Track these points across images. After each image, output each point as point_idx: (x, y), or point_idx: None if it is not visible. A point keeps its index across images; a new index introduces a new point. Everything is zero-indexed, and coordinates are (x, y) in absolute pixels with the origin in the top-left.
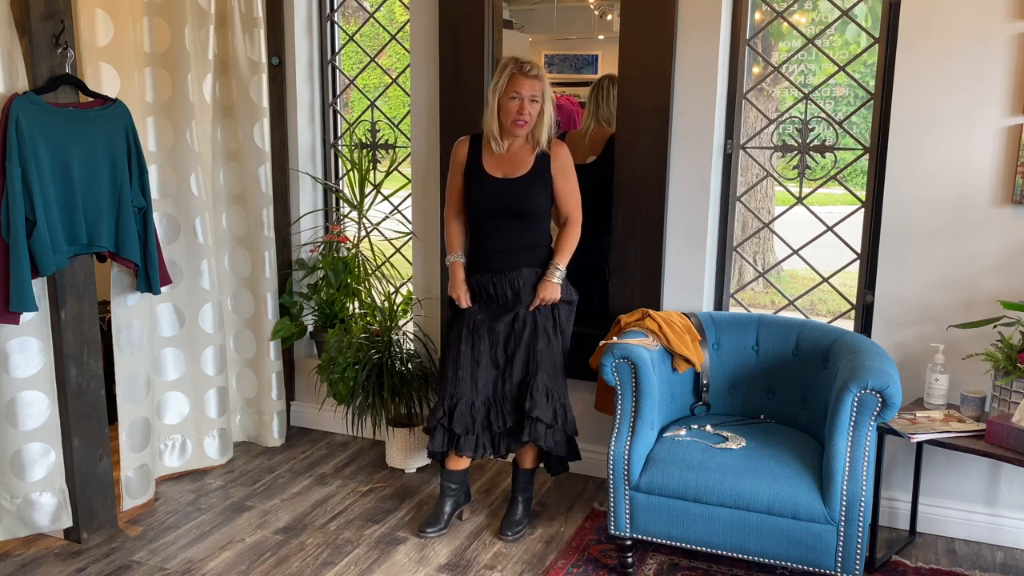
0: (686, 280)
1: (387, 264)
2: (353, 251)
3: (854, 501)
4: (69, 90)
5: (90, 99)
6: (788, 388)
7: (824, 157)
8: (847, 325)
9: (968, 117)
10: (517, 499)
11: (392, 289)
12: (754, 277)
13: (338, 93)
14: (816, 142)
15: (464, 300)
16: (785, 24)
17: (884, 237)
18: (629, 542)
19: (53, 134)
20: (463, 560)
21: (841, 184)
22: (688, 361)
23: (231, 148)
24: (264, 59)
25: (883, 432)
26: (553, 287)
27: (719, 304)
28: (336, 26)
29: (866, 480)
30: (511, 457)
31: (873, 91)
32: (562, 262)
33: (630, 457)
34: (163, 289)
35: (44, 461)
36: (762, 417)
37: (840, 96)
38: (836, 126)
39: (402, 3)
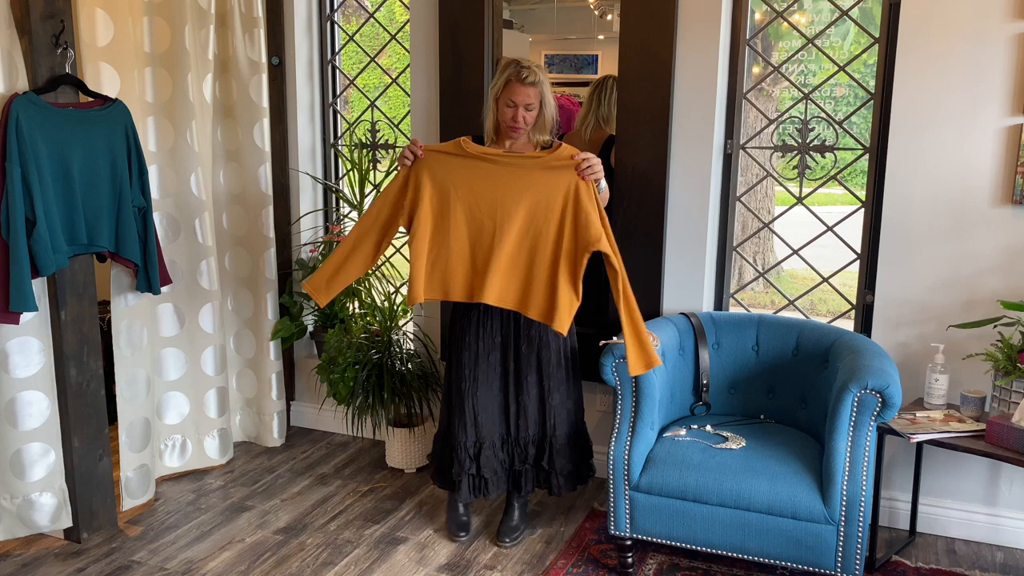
0: (686, 280)
1: (387, 264)
2: None
3: (854, 501)
4: (69, 90)
5: (90, 99)
6: (788, 388)
7: (824, 157)
8: (847, 325)
9: (968, 117)
10: (513, 504)
11: (392, 289)
12: (754, 277)
13: (338, 93)
14: (816, 142)
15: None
16: (785, 24)
17: (884, 237)
18: (629, 542)
19: (53, 134)
20: (463, 560)
21: (841, 184)
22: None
23: (231, 148)
24: (264, 59)
25: (883, 432)
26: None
27: (719, 304)
28: (336, 26)
29: (866, 480)
30: None
31: (873, 91)
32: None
33: (630, 457)
34: (163, 289)
35: (44, 461)
36: (762, 417)
37: (840, 96)
38: (836, 126)
39: (402, 3)
